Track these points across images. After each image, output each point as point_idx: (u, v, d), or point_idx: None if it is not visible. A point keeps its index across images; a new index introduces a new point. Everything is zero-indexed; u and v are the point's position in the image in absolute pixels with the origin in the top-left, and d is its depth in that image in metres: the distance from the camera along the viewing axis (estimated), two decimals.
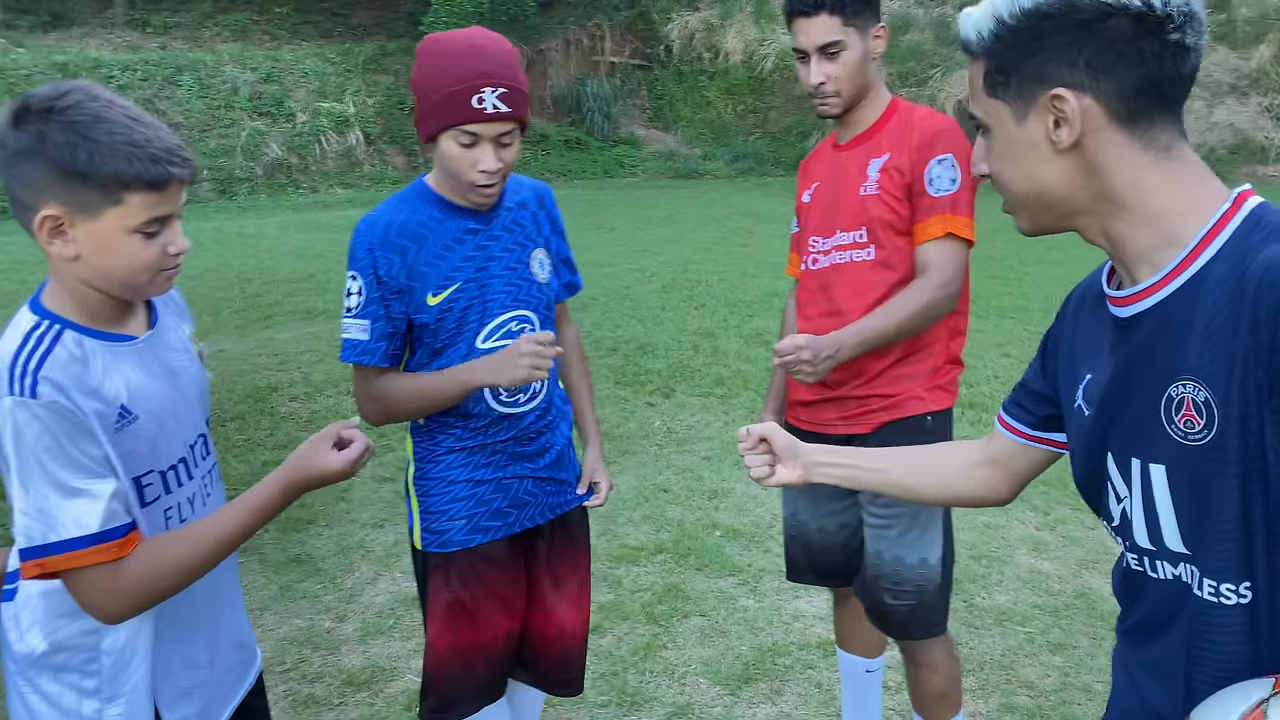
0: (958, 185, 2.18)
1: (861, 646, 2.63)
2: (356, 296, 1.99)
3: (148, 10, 18.30)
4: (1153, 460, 1.11)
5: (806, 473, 1.55)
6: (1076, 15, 1.07)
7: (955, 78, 16.47)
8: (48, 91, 1.34)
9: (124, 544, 1.36)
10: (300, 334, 7.16)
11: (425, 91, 1.89)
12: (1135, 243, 1.12)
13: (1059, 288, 8.32)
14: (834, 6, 2.19)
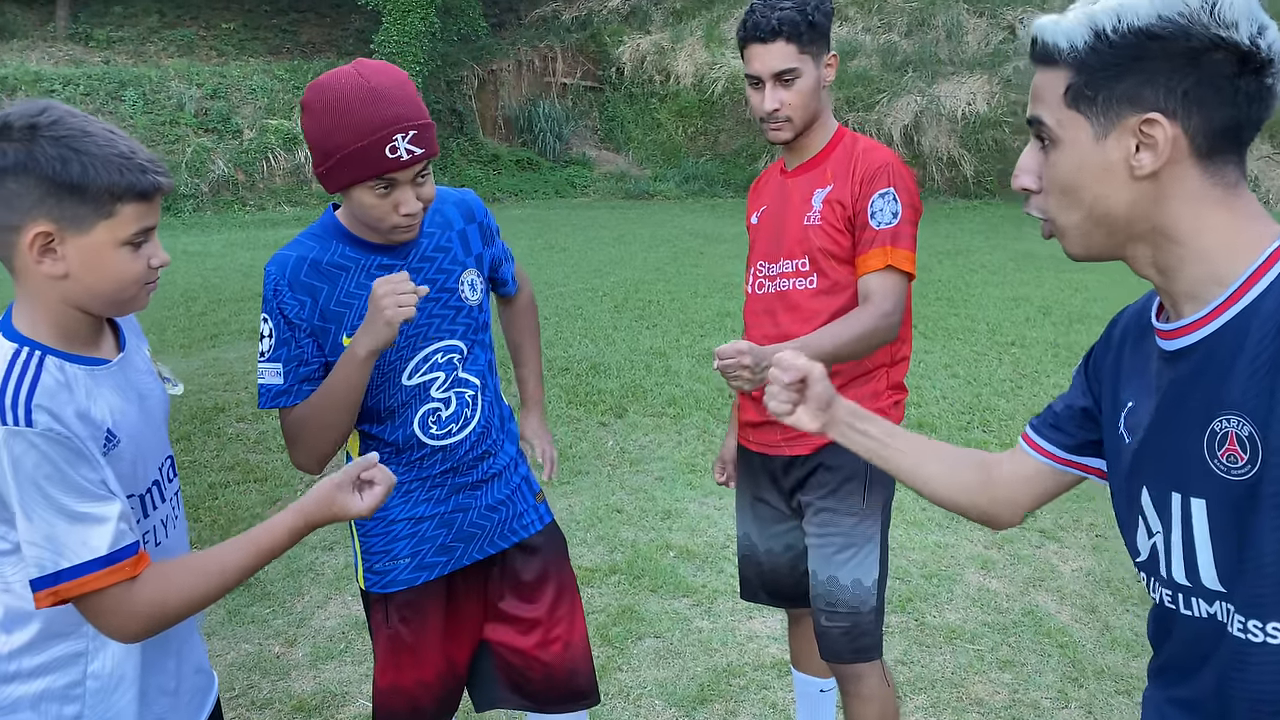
0: (898, 219, 2.22)
1: (816, 666, 2.64)
2: (268, 340, 1.89)
3: (91, 24, 18.00)
4: (1194, 495, 1.10)
5: (826, 427, 1.50)
6: (1187, 42, 1.04)
7: (901, 102, 16.78)
8: (25, 108, 1.32)
9: (136, 563, 1.35)
10: (247, 353, 7.06)
11: (330, 148, 1.76)
12: (1185, 277, 1.11)
13: (1003, 310, 8.49)
14: (790, 35, 2.22)
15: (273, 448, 5.27)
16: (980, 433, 5.57)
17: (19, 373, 1.32)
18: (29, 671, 1.41)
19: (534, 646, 2.11)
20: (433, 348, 1.97)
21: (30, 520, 1.29)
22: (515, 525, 2.12)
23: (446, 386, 1.99)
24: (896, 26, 18.18)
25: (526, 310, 2.32)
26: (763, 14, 2.25)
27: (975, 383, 6.50)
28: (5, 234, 1.33)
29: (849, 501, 2.31)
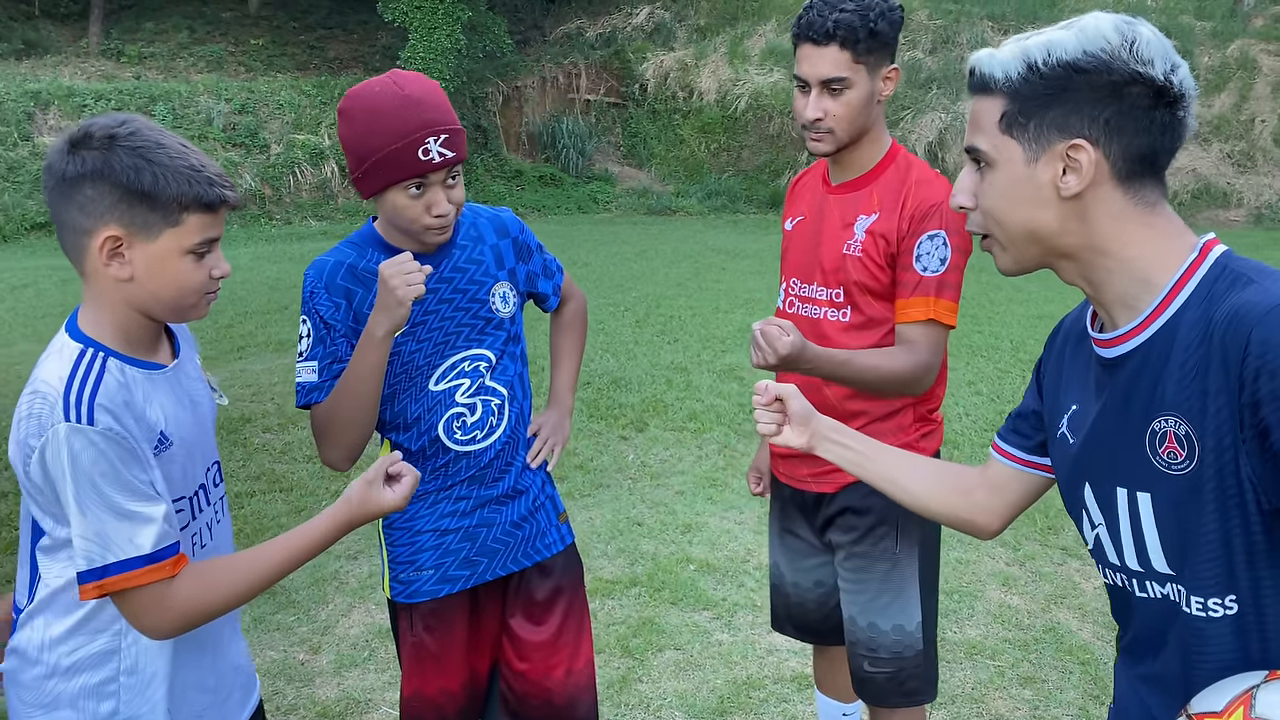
0: (946, 266, 2.08)
1: (839, 691, 2.61)
2: (306, 339, 1.96)
3: (123, 40, 18.29)
4: (1139, 489, 1.20)
5: (812, 442, 1.59)
6: (1108, 76, 1.15)
7: (926, 119, 16.78)
8: (107, 121, 1.41)
9: (175, 563, 1.41)
10: (273, 365, 7.14)
11: (365, 152, 1.85)
12: (1113, 288, 1.21)
13: (1027, 327, 8.46)
14: (846, 40, 2.04)
15: (298, 458, 5.33)
16: None
17: (84, 372, 1.39)
18: (67, 668, 1.46)
19: (536, 671, 2.14)
20: (461, 355, 2.02)
21: (84, 515, 1.35)
22: (538, 544, 2.15)
23: (472, 392, 2.03)
24: (921, 44, 18.20)
25: (571, 323, 2.33)
26: (820, 12, 2.05)
27: (999, 400, 6.48)
28: (78, 237, 1.41)
29: (881, 546, 2.22)
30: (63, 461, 1.34)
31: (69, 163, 1.39)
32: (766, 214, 16.59)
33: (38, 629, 1.48)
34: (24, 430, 1.38)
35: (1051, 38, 1.18)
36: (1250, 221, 15.83)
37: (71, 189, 1.39)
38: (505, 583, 2.14)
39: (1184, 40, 17.48)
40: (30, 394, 1.38)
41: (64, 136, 1.42)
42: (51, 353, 1.43)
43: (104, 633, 1.47)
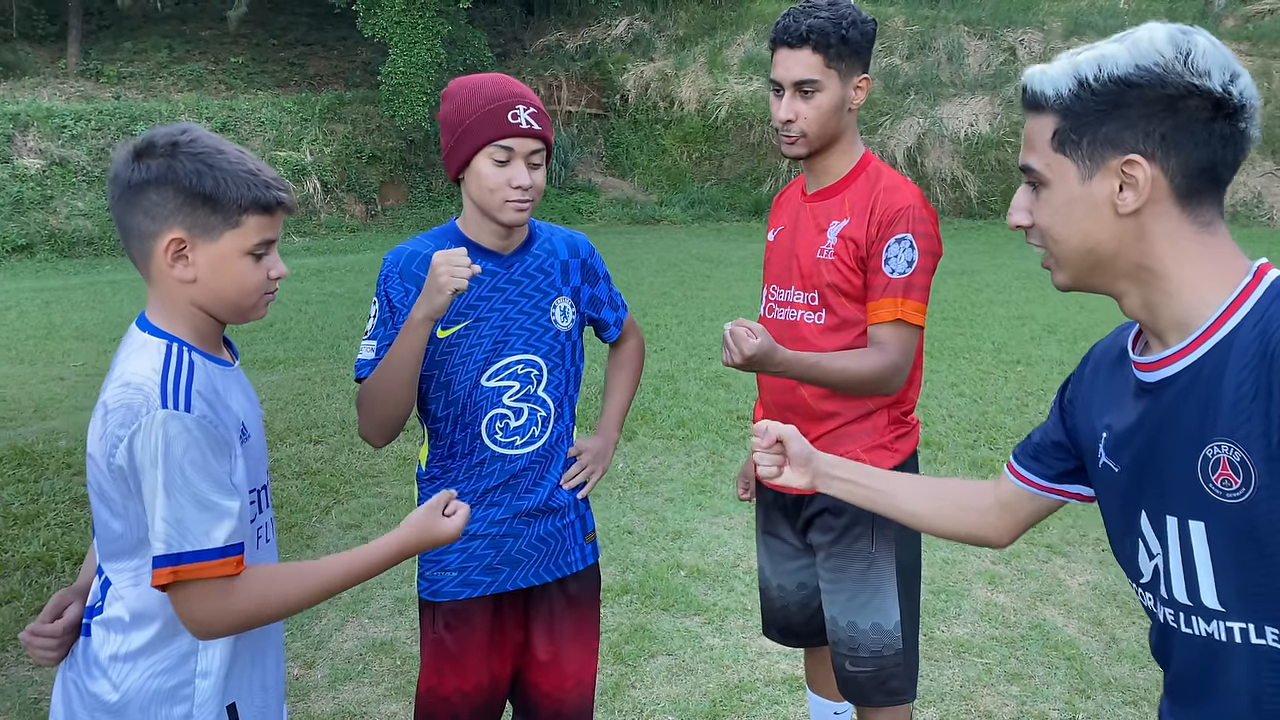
0: (913, 268, 2.14)
1: (830, 690, 2.64)
2: (372, 320, 2.08)
3: (101, 60, 18.26)
4: (1191, 517, 1.16)
5: (814, 481, 1.59)
6: (1163, 89, 1.12)
7: (904, 125, 16.91)
8: (168, 130, 1.48)
9: (239, 562, 1.44)
10: (261, 383, 7.14)
11: (460, 118, 2.00)
12: (1169, 311, 1.18)
13: (1008, 329, 8.55)
14: (819, 44, 2.13)
15: (287, 474, 5.34)
16: (987, 450, 5.61)
17: (176, 362, 1.44)
18: (143, 673, 1.48)
19: (550, 683, 2.20)
20: (515, 358, 2.10)
21: (169, 499, 1.38)
22: (561, 561, 2.20)
23: (519, 397, 2.11)
24: (898, 50, 18.35)
25: (629, 359, 2.40)
26: (795, 17, 2.16)
27: (981, 401, 6.55)
28: (144, 241, 1.47)
29: (857, 546, 2.27)
30: (155, 446, 1.37)
31: (134, 170, 1.45)
32: (749, 222, 16.68)
33: (109, 640, 1.49)
34: (112, 421, 1.40)
35: (1103, 52, 1.15)
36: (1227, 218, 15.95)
37: (137, 195, 1.45)
38: (528, 594, 2.19)
39: None
40: (121, 386, 1.41)
41: (128, 146, 1.48)
42: (133, 349, 1.47)
43: (184, 634, 1.48)
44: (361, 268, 12.26)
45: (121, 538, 1.46)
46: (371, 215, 16.95)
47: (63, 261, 13.83)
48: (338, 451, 5.75)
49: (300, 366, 7.71)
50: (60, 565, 4.29)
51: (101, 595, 1.51)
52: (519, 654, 2.22)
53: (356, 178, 16.91)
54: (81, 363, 8.00)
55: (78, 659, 1.54)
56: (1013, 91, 16.87)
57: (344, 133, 17.08)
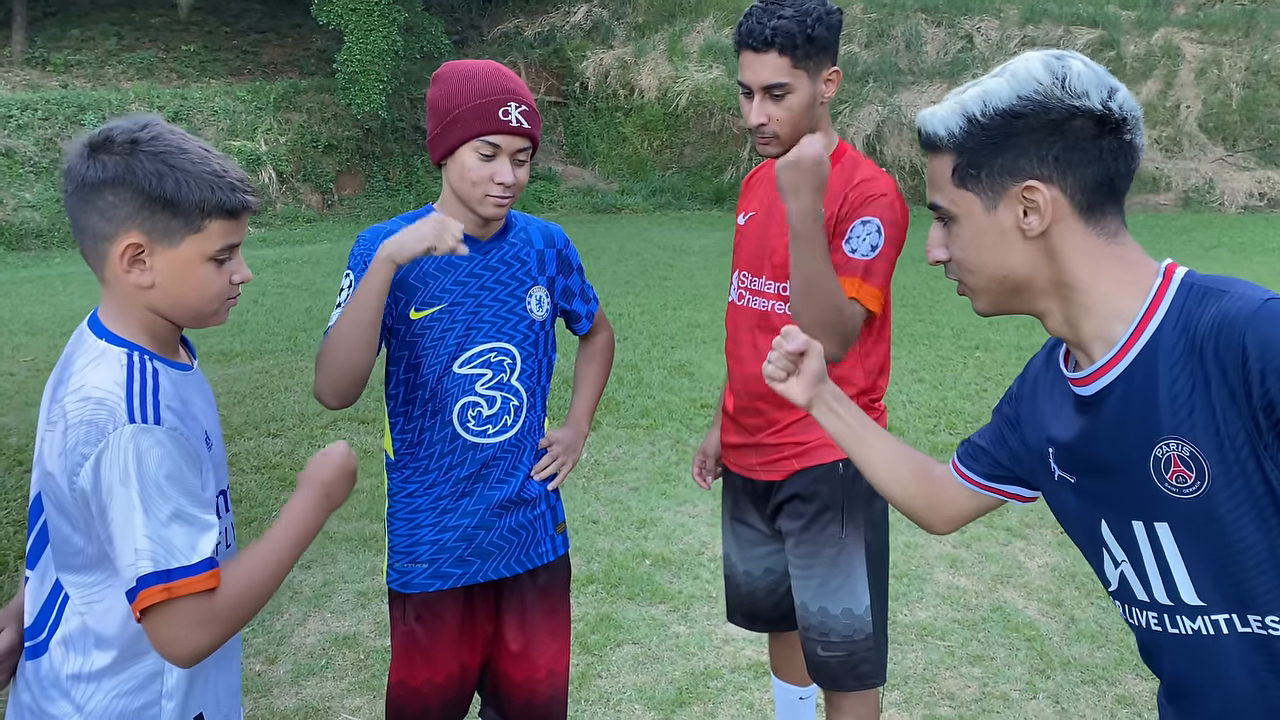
0: (876, 252, 2.10)
1: (795, 675, 2.66)
2: (345, 291, 2.04)
3: (48, 48, 17.85)
4: (1155, 519, 1.19)
5: (809, 402, 1.56)
6: (1047, 115, 1.17)
7: (863, 113, 17.00)
8: (127, 124, 1.38)
9: (216, 574, 1.36)
10: (217, 376, 7.04)
11: (449, 107, 1.96)
12: (1089, 324, 1.22)
13: (966, 315, 8.63)
14: (785, 47, 2.07)
15: (245, 468, 5.27)
16: (947, 435, 5.67)
17: (140, 373, 1.37)
18: (107, 694, 1.40)
19: (521, 673, 2.20)
20: (489, 345, 2.08)
21: (148, 515, 1.30)
22: (532, 553, 2.19)
23: (492, 385, 2.09)
24: (856, 37, 18.44)
25: (600, 352, 2.39)
26: (759, 20, 2.09)
27: (941, 387, 6.62)
28: (98, 243, 1.38)
29: (828, 532, 2.26)
30: (126, 463, 1.30)
31: (89, 167, 1.36)
32: (710, 210, 16.71)
33: (69, 659, 1.40)
34: (74, 438, 1.32)
35: (985, 88, 1.20)
36: (1179, 205, 16.29)
37: (92, 194, 1.36)
38: (499, 585, 2.19)
39: (1110, 29, 17.93)
40: (80, 400, 1.33)
41: (83, 140, 1.38)
42: (89, 358, 1.38)
43: (149, 655, 1.41)
44: (319, 259, 12.11)
45: (82, 552, 1.38)
46: (328, 205, 16.75)
47: (10, 255, 13.52)
48: (297, 445, 5.68)
49: (257, 359, 7.61)
50: (14, 565, 4.21)
51: (57, 609, 1.42)
52: (490, 645, 2.21)
53: (312, 168, 16.70)
54: (31, 358, 7.83)
55: (29, 681, 1.44)
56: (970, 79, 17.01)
57: (299, 122, 16.84)
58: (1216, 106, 17.13)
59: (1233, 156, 16.73)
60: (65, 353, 1.47)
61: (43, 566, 1.46)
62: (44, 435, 1.39)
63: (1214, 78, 17.40)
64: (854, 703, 2.35)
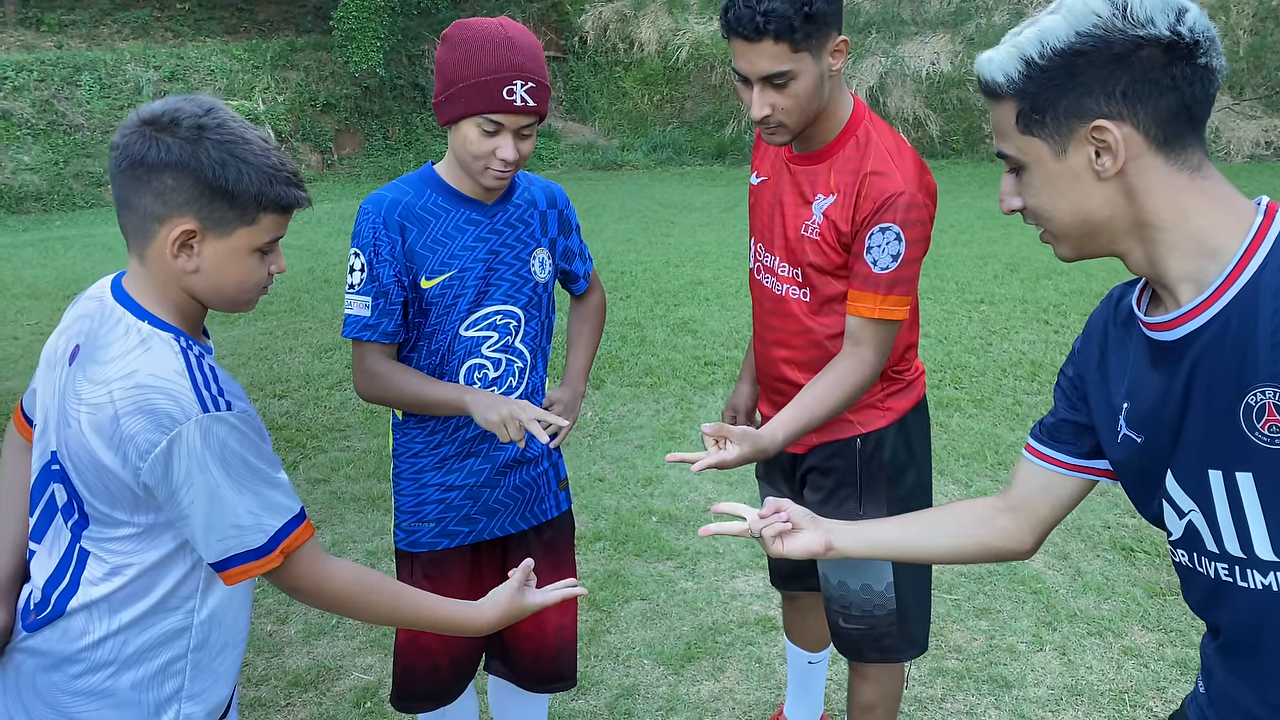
0: (898, 262, 1.98)
1: (806, 640, 2.68)
2: (359, 273, 2.02)
3: (41, 8, 17.64)
4: (1237, 469, 1.13)
5: (825, 545, 1.52)
6: (1110, 50, 1.10)
7: (866, 64, 16.80)
8: (191, 108, 1.36)
9: (309, 523, 1.46)
10: (222, 338, 7.04)
11: (454, 77, 1.92)
12: (1178, 264, 1.15)
13: (972, 269, 8.59)
14: (781, 32, 1.85)
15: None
16: (952, 390, 5.67)
17: (196, 361, 1.38)
18: (129, 656, 1.43)
19: (530, 626, 2.22)
20: (495, 308, 2.08)
21: (244, 492, 1.37)
22: (536, 509, 2.22)
23: (498, 348, 2.09)
24: None
25: (594, 312, 2.39)
26: (747, 4, 1.86)
27: (946, 341, 6.60)
28: (148, 222, 1.37)
29: (845, 508, 2.23)
30: (204, 452, 1.33)
31: (152, 146, 1.34)
32: (712, 165, 16.58)
33: (85, 624, 1.42)
34: (132, 426, 1.32)
35: (1042, 27, 1.14)
36: None
37: (151, 175, 1.35)
38: (505, 542, 2.21)
39: None
40: (134, 388, 1.33)
41: (142, 117, 1.36)
42: (134, 341, 1.37)
43: (178, 610, 1.44)
44: (320, 219, 12.06)
45: (124, 524, 1.39)
46: (328, 165, 16.64)
47: (10, 218, 13.47)
48: (303, 406, 5.69)
49: (260, 321, 7.60)
50: None
51: (71, 573, 1.42)
52: None
53: (311, 127, 16.56)
54: (35, 321, 7.83)
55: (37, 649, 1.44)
56: (974, 29, 16.80)
57: (297, 80, 16.68)
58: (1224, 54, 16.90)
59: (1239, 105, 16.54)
60: (83, 323, 1.43)
61: (50, 538, 1.46)
62: (77, 415, 1.36)
63: (1221, 24, 17.15)
64: (876, 670, 2.35)
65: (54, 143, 14.56)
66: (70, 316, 1.49)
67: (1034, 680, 3.08)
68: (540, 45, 1.98)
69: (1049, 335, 6.61)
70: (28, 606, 1.47)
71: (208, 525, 1.36)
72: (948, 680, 3.08)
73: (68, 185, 14.23)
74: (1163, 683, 3.06)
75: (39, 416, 1.49)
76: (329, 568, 1.48)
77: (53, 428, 1.43)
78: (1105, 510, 4.12)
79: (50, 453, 1.44)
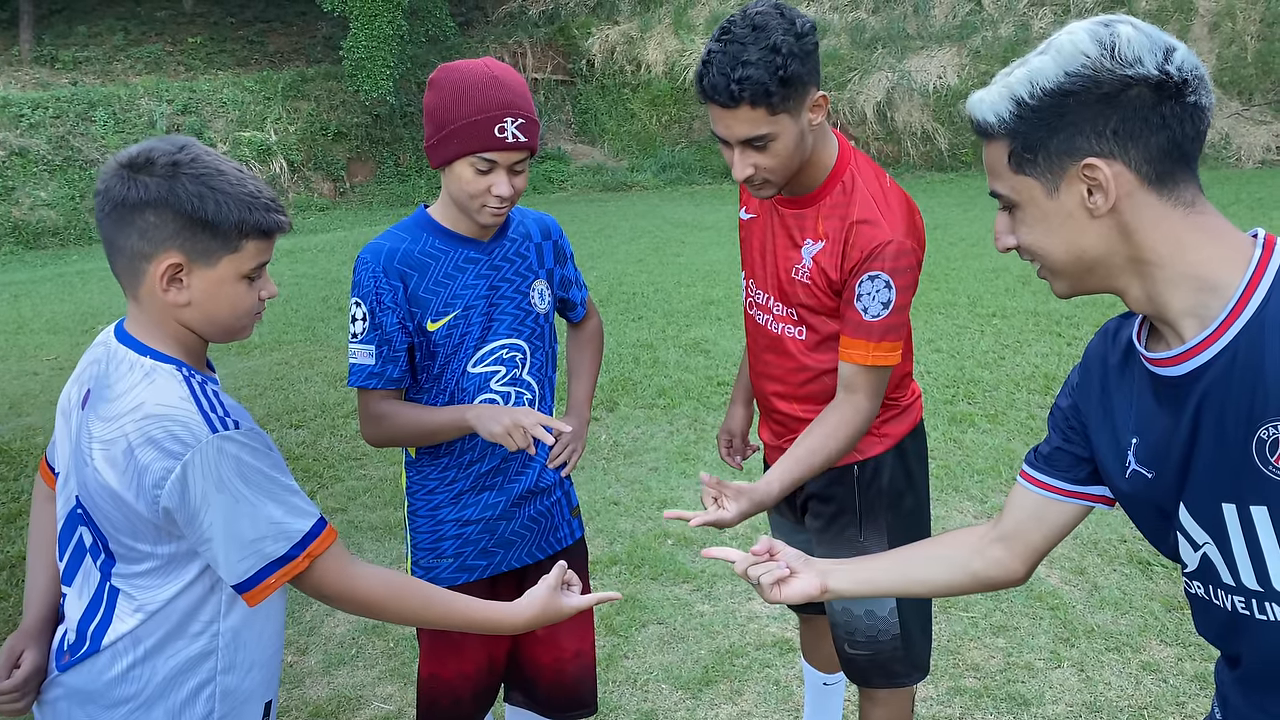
0: (889, 309, 2.00)
1: (821, 661, 2.68)
2: (361, 323, 2.05)
3: (55, 45, 17.91)
4: (1252, 503, 1.12)
5: (824, 580, 1.52)
6: (1099, 89, 1.11)
7: (873, 79, 16.85)
8: (165, 146, 1.42)
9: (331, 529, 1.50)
10: (238, 369, 7.10)
11: (445, 119, 1.95)
12: (1179, 299, 1.15)
13: (983, 282, 8.59)
14: (756, 98, 1.83)
15: None
16: (965, 405, 5.66)
17: (199, 387, 1.43)
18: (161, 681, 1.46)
19: (549, 657, 2.24)
20: (500, 342, 2.11)
21: (264, 503, 1.41)
22: (551, 538, 2.25)
23: (506, 382, 2.12)
24: (864, 4, 18.24)
25: (592, 339, 2.43)
26: (721, 74, 1.83)
27: (958, 356, 6.60)
28: (136, 261, 1.42)
29: (846, 535, 2.24)
30: (219, 472, 1.37)
31: (130, 187, 1.39)
32: (721, 184, 16.63)
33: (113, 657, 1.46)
34: (145, 457, 1.36)
35: (1031, 68, 1.15)
36: None
37: (132, 214, 1.40)
38: (521, 574, 2.22)
39: None
40: (143, 419, 1.37)
41: (120, 160, 1.42)
42: (138, 376, 1.42)
43: (201, 635, 1.47)
44: (333, 247, 12.16)
45: (149, 556, 1.43)
46: (340, 193, 16.79)
47: (28, 253, 13.64)
48: (319, 435, 5.74)
49: (276, 351, 7.67)
50: None
51: (103, 611, 1.46)
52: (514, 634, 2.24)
53: (323, 156, 16.72)
54: (55, 356, 7.92)
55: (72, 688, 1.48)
56: (980, 42, 16.83)
57: (308, 110, 16.86)
58: (1231, 60, 16.87)
59: (1248, 110, 16.50)
60: (93, 369, 1.49)
61: (80, 579, 1.50)
62: (90, 453, 1.41)
63: (1228, 30, 17.13)
64: (885, 695, 2.35)
65: (70, 178, 14.75)
66: (81, 365, 1.54)
67: (1052, 697, 3.07)
68: (525, 82, 2.03)
69: (1062, 348, 6.60)
70: (61, 647, 1.52)
71: (229, 544, 1.39)
72: (966, 699, 3.07)
73: (84, 220, 14.39)
74: (1182, 698, 3.05)
75: (60, 465, 1.54)
76: (357, 570, 1.51)
77: (73, 472, 1.48)
78: (1121, 524, 4.11)
79: (74, 497, 1.48)
